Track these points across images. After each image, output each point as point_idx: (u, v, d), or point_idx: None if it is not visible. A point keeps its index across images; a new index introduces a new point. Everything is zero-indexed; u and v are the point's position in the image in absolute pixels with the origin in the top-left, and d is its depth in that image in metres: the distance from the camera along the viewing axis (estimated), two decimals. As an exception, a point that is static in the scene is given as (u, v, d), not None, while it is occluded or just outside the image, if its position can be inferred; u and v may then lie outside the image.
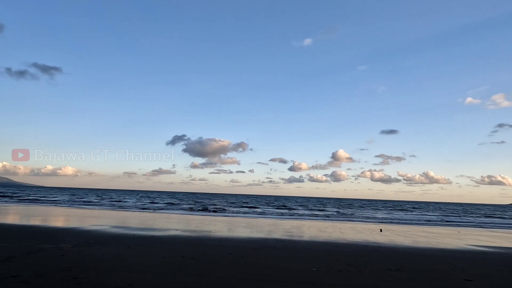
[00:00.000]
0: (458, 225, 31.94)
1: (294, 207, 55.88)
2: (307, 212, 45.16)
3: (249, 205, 56.28)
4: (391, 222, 31.60)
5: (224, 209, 41.55)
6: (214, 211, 37.75)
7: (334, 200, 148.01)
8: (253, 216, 31.79)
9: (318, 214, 41.46)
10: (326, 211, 48.54)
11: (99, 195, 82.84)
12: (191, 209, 39.97)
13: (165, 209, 39.17)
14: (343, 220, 31.53)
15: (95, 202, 49.35)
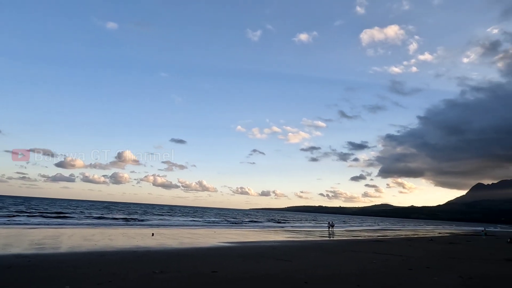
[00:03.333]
0: (215, 226, 39.05)
1: (54, 211, 45.40)
2: (75, 217, 38.09)
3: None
4: (165, 226, 33.31)
5: None
6: None
7: (111, 204, 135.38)
8: (-20, 225, 22.47)
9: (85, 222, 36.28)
10: (90, 215, 43.25)
11: None
12: None
13: None
14: (116, 226, 29.44)
15: None
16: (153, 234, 20.39)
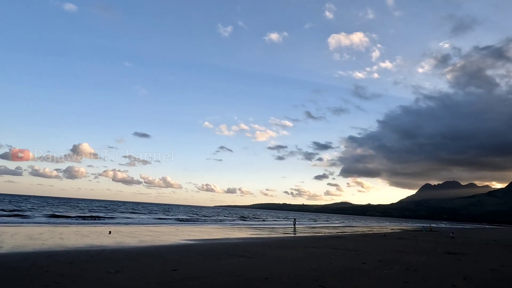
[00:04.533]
0: (178, 223, 38.10)
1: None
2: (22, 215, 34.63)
3: None
4: (124, 224, 31.74)
5: None
6: None
7: (64, 200, 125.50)
8: None
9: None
10: (39, 212, 39.83)
11: None
12: None
13: None
14: (69, 224, 27.40)
15: None
16: (110, 232, 19.32)
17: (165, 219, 46.13)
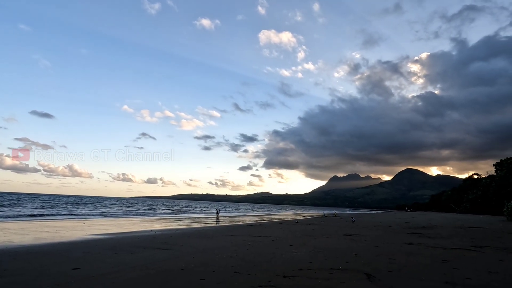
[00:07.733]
0: (86, 217, 33.94)
1: None
2: None
3: None
4: (13, 219, 26.55)
5: None
6: None
7: None
8: None
9: None
10: None
11: None
12: None
13: None
14: None
15: None
16: (-10, 230, 15.89)
17: (70, 214, 40.52)
